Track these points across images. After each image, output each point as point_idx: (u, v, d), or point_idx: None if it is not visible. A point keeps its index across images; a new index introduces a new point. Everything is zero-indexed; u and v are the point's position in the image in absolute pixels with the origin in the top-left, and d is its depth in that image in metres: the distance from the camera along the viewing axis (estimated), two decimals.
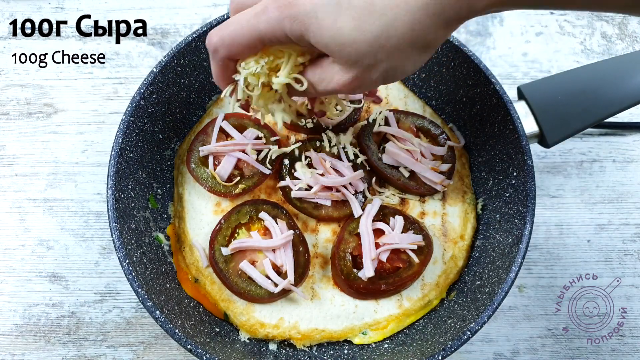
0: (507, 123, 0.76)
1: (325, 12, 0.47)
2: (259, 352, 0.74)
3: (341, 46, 0.49)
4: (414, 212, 0.80)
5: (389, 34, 0.47)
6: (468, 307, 0.71)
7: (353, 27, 0.47)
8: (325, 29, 0.48)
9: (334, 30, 0.48)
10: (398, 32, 0.47)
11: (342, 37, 0.48)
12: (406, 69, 0.52)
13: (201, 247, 0.78)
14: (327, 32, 0.48)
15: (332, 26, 0.47)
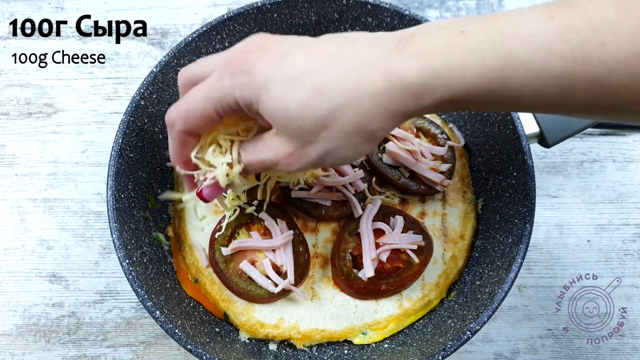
0: (507, 123, 0.76)
1: (277, 85, 0.48)
2: (259, 352, 0.74)
3: (286, 119, 0.49)
4: (414, 212, 0.80)
5: (335, 116, 0.47)
6: (468, 307, 0.71)
7: (301, 103, 0.47)
8: (274, 100, 0.48)
9: (283, 103, 0.48)
10: (344, 116, 0.47)
11: (289, 110, 0.48)
12: (347, 154, 0.51)
13: (201, 247, 0.78)
14: (275, 104, 0.48)
15: (281, 99, 0.48)
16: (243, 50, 0.51)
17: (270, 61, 0.49)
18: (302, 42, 0.50)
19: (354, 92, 0.46)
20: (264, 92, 0.48)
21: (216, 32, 0.82)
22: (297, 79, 0.47)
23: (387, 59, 0.46)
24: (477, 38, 0.44)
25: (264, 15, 0.84)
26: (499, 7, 1.06)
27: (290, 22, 0.86)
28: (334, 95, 0.47)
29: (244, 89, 0.49)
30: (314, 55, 0.48)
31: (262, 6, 0.82)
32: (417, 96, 0.46)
